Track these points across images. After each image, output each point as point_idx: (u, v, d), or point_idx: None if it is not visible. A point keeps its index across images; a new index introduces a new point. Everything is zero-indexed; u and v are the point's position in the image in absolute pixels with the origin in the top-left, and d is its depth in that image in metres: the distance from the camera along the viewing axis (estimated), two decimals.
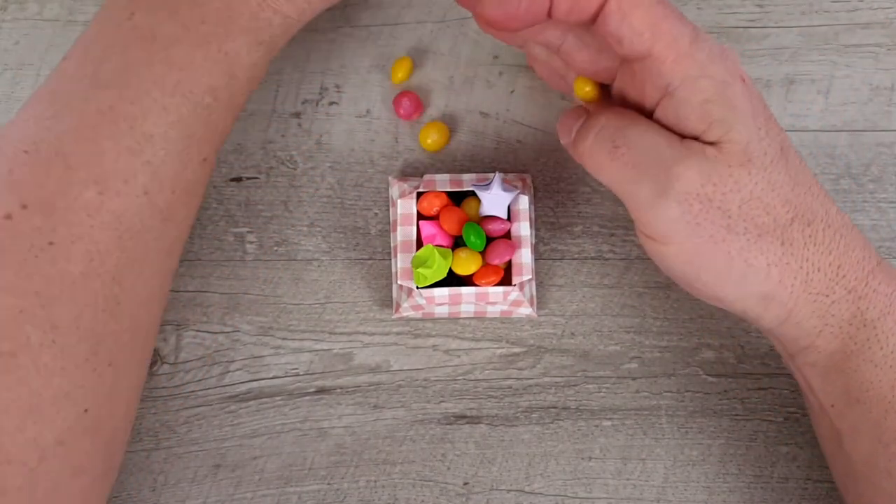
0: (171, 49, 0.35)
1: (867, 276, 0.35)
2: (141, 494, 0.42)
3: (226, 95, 0.36)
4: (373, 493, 0.42)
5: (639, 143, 0.33)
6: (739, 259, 0.33)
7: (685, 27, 0.33)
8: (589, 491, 0.42)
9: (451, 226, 0.40)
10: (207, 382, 0.43)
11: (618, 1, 0.32)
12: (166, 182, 0.35)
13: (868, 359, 0.35)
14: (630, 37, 0.32)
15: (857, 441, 0.36)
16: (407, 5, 0.45)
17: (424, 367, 0.43)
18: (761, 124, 0.33)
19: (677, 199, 0.33)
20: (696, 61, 0.32)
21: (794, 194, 0.34)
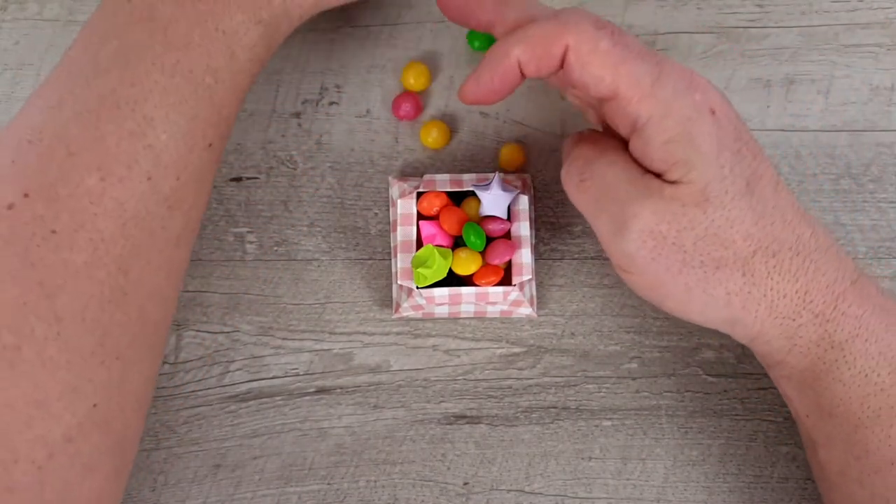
0: (169, 29, 0.34)
1: (836, 300, 0.35)
2: (141, 494, 0.42)
3: (227, 76, 0.35)
4: (373, 493, 0.42)
5: (602, 179, 0.35)
6: (698, 289, 0.35)
7: (646, 65, 0.33)
8: (589, 491, 0.42)
9: (451, 226, 0.40)
10: (207, 382, 0.43)
11: (575, 53, 0.33)
12: (170, 167, 0.34)
13: (837, 378, 0.35)
14: (592, 83, 0.33)
15: (831, 452, 0.37)
16: (407, 5, 0.45)
17: (424, 367, 0.43)
18: (725, 161, 0.33)
19: (632, 237, 0.34)
20: (659, 100, 0.33)
21: (756, 227, 0.34)
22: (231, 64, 0.35)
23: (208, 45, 0.35)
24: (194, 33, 0.34)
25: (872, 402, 0.35)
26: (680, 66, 0.34)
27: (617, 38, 0.33)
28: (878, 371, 0.35)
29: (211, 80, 0.35)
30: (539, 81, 0.45)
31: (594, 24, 0.33)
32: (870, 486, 0.35)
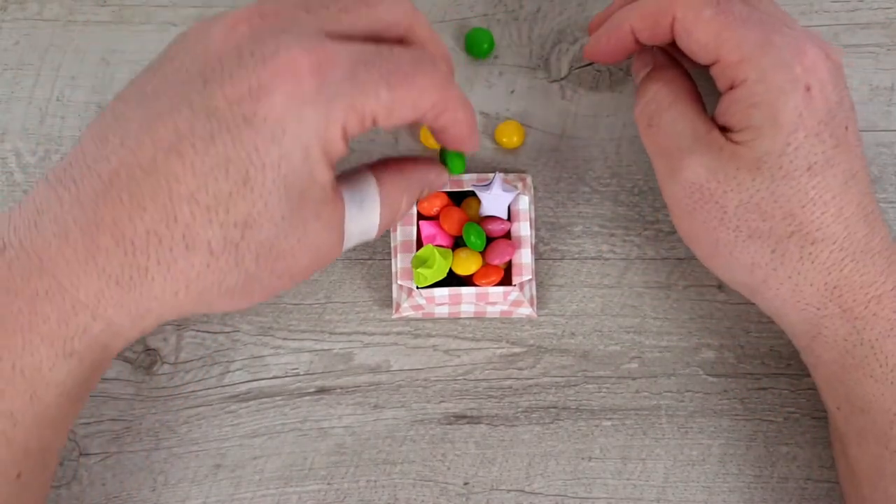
0: None
1: (869, 301, 0.35)
2: (141, 494, 0.42)
3: (28, 416, 0.31)
4: (373, 493, 0.42)
5: (669, 128, 0.36)
6: (725, 250, 0.36)
7: (749, 31, 0.34)
8: (589, 491, 0.42)
9: (451, 226, 0.40)
10: (207, 382, 0.43)
11: (681, 23, 0.35)
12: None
13: (868, 374, 0.35)
14: (698, 50, 0.35)
15: (863, 446, 0.36)
16: None
17: (424, 367, 0.43)
18: (795, 139, 0.34)
19: (681, 185, 0.36)
20: (757, 65, 0.34)
21: (804, 212, 0.34)
22: (32, 404, 0.31)
23: (3, 387, 0.30)
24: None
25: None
26: (794, 37, 0.34)
27: (723, 6, 0.34)
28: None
29: (7, 426, 0.31)
30: (541, 83, 0.45)
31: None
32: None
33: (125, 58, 0.45)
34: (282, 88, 0.29)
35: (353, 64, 0.30)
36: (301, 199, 0.30)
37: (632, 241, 0.44)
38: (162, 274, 0.30)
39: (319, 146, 0.30)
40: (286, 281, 0.33)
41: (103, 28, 0.46)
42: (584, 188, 0.44)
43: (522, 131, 0.44)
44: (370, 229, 0.35)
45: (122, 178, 0.29)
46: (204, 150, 0.29)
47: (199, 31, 0.31)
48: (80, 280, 0.30)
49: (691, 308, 0.43)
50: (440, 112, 0.33)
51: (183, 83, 0.30)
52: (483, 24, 0.45)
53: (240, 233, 0.30)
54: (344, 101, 0.30)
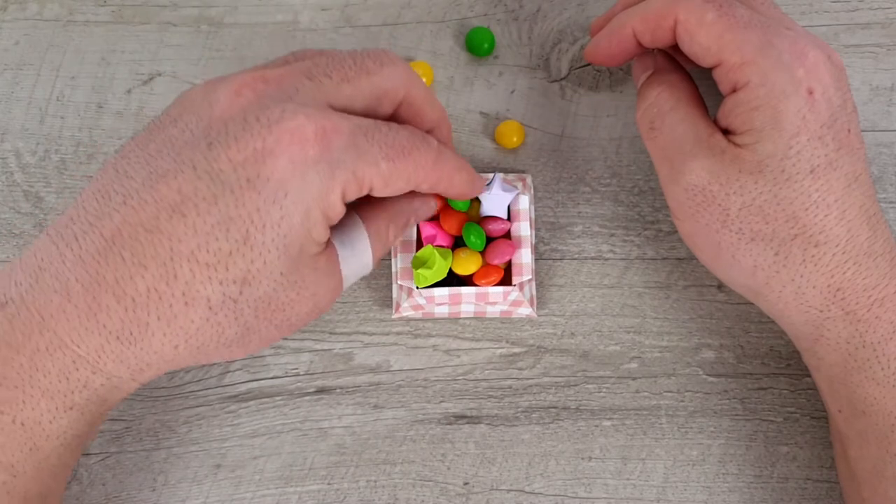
0: None
1: (872, 304, 0.35)
2: (141, 494, 0.42)
3: (29, 468, 0.32)
4: (373, 493, 0.42)
5: (671, 131, 0.36)
6: (727, 253, 0.36)
7: (752, 34, 0.34)
8: (589, 491, 0.42)
9: (451, 226, 0.40)
10: (207, 382, 0.43)
11: (683, 26, 0.35)
12: None
13: (870, 377, 0.35)
14: (700, 53, 0.35)
15: (864, 448, 0.36)
16: (407, 5, 0.45)
17: (424, 367, 0.43)
18: (797, 143, 0.33)
19: (684, 188, 0.36)
20: (758, 68, 0.33)
21: (806, 215, 0.34)
22: (32, 456, 0.32)
23: (3, 440, 0.31)
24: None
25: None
26: (795, 39, 0.34)
27: (725, 9, 0.34)
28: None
29: (7, 477, 0.31)
30: (541, 83, 0.45)
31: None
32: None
33: (125, 58, 0.45)
34: (287, 152, 0.30)
35: (355, 134, 0.31)
36: (299, 256, 0.31)
37: (632, 241, 0.44)
38: (162, 329, 0.31)
39: (320, 208, 0.31)
40: (285, 330, 0.33)
41: (103, 28, 0.46)
42: (584, 188, 0.44)
43: (522, 131, 0.44)
44: (365, 266, 0.36)
45: (125, 236, 0.30)
46: (206, 210, 0.30)
47: (204, 94, 0.31)
48: (80, 336, 0.31)
49: (691, 308, 0.43)
50: (435, 183, 0.34)
51: (187, 144, 0.30)
52: (483, 24, 0.45)
53: (238, 289, 0.31)
54: (346, 167, 0.31)
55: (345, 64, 0.33)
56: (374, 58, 0.33)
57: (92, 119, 0.45)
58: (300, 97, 0.31)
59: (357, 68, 0.33)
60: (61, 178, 0.44)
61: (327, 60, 0.33)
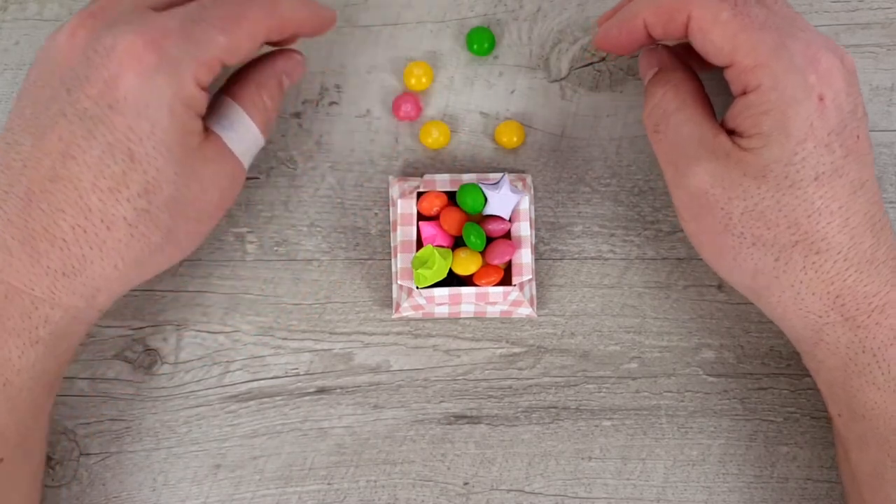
0: None
1: (872, 310, 0.35)
2: (141, 494, 0.42)
3: (2, 402, 0.34)
4: (373, 493, 0.42)
5: (676, 132, 0.36)
6: (729, 255, 0.36)
7: (766, 36, 0.33)
8: (589, 491, 0.42)
9: (451, 226, 0.40)
10: (207, 382, 0.43)
11: (697, 22, 0.34)
12: None
13: (870, 381, 0.35)
14: (713, 51, 0.34)
15: (864, 453, 0.36)
16: (407, 5, 0.45)
17: (424, 367, 0.43)
18: (803, 149, 0.33)
19: (687, 190, 0.36)
20: (770, 72, 0.33)
21: (809, 222, 0.34)
22: (5, 390, 0.34)
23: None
24: None
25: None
26: (809, 43, 0.34)
27: (740, 8, 0.34)
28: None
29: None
30: (541, 83, 0.45)
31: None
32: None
33: None
34: (130, 70, 0.33)
35: (184, 26, 0.34)
36: (184, 152, 0.34)
37: (632, 241, 0.44)
38: (97, 255, 0.34)
39: (181, 103, 0.34)
40: (205, 221, 0.37)
41: None
42: (584, 188, 0.44)
43: (522, 131, 0.44)
44: (255, 138, 0.38)
45: (36, 192, 0.34)
46: (88, 146, 0.33)
47: (48, 49, 0.35)
48: (32, 281, 0.34)
49: (691, 308, 0.43)
50: (281, 28, 0.36)
51: (51, 98, 0.34)
52: (483, 24, 0.45)
53: (146, 200, 0.34)
54: (187, 59, 0.34)
55: None
56: None
57: None
58: (126, 17, 0.34)
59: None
60: None
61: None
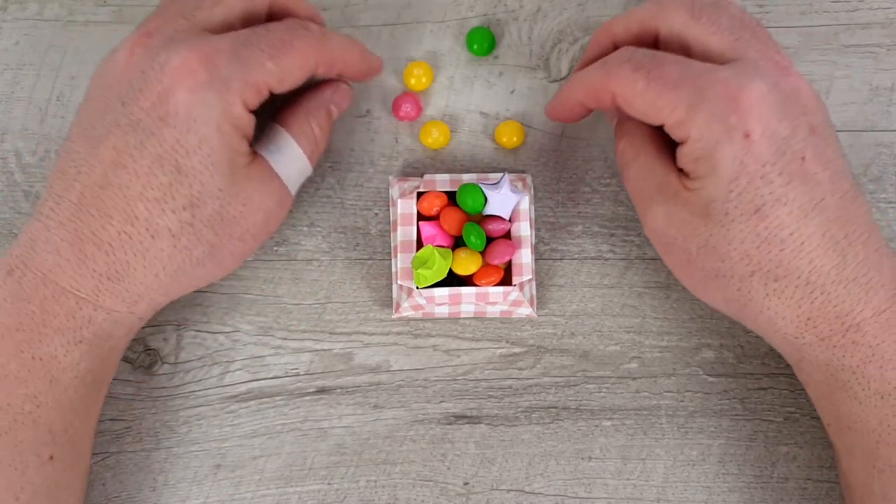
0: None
1: (847, 330, 0.35)
2: (141, 494, 0.42)
3: (50, 399, 0.36)
4: (373, 493, 0.42)
5: (636, 179, 0.38)
6: (699, 287, 0.38)
7: (682, 93, 0.34)
8: (589, 491, 0.42)
9: (451, 226, 0.40)
10: (207, 382, 0.43)
11: (620, 97, 0.36)
12: (4, 493, 0.35)
13: (852, 396, 0.35)
14: (642, 117, 0.36)
15: (852, 463, 0.37)
16: (407, 5, 0.45)
17: (424, 367, 0.43)
18: (737, 186, 0.34)
19: (650, 231, 0.38)
20: (693, 124, 0.34)
21: (758, 251, 0.34)
22: (52, 387, 0.36)
23: (25, 375, 0.35)
24: (11, 366, 0.35)
25: (892, 421, 0.35)
26: (727, 82, 0.34)
27: (654, 73, 0.35)
28: (895, 395, 0.35)
29: (31, 407, 0.35)
30: (541, 83, 0.45)
31: (633, 66, 0.35)
32: (894, 499, 0.35)
33: None
34: (182, 85, 0.34)
35: (235, 48, 0.35)
36: (230, 170, 0.36)
37: (632, 241, 0.44)
38: (140, 263, 0.36)
39: (228, 122, 0.35)
40: (249, 241, 0.38)
41: (103, 28, 0.46)
42: (584, 188, 0.44)
43: (522, 131, 0.44)
44: (303, 165, 0.40)
45: (87, 197, 0.35)
46: (139, 156, 0.35)
47: (106, 65, 0.36)
48: (78, 282, 0.35)
49: (691, 308, 0.43)
50: (329, 63, 0.38)
51: (107, 110, 0.35)
52: (483, 24, 0.45)
53: (190, 213, 0.35)
54: (237, 79, 0.35)
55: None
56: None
57: None
58: (181, 36, 0.35)
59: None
60: None
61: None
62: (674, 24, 0.37)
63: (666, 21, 0.37)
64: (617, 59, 0.36)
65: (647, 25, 0.38)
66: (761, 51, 0.35)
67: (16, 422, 0.35)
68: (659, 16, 0.37)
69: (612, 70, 0.36)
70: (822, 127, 0.35)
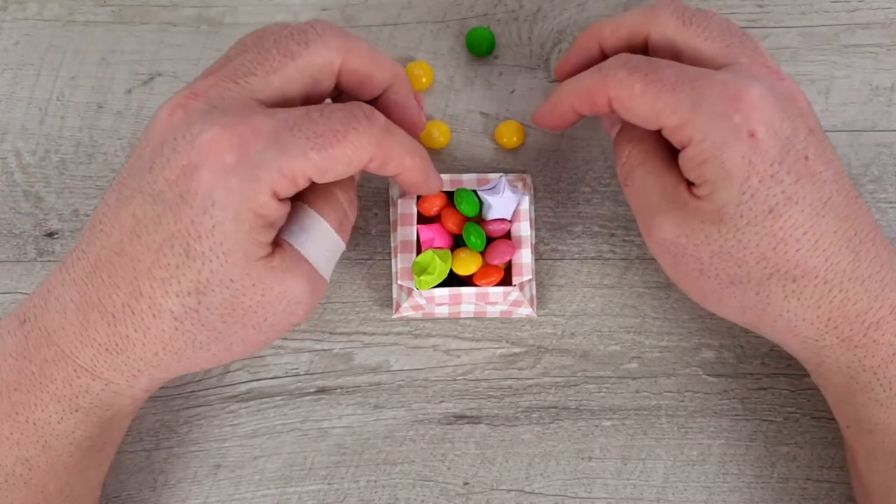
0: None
1: (867, 329, 0.35)
2: (141, 494, 0.42)
3: (42, 463, 0.35)
4: (373, 493, 0.42)
5: (641, 187, 0.37)
6: (713, 297, 0.36)
7: (682, 94, 0.34)
8: (589, 491, 0.42)
9: (452, 225, 0.40)
10: (207, 382, 0.43)
11: (616, 101, 0.35)
12: None
13: (873, 398, 0.35)
14: (640, 121, 0.35)
15: (872, 464, 0.37)
16: (407, 5, 0.45)
17: (424, 367, 0.43)
18: (749, 187, 0.33)
19: (657, 242, 0.36)
20: (696, 126, 0.34)
21: (774, 252, 0.34)
22: (45, 452, 0.35)
23: (18, 437, 0.34)
24: (4, 426, 0.34)
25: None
26: (727, 84, 0.34)
27: (651, 76, 0.34)
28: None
29: (23, 470, 0.35)
30: (541, 83, 0.45)
31: (629, 69, 0.35)
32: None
33: (125, 58, 0.45)
34: (207, 164, 0.31)
35: (278, 131, 0.32)
36: (245, 260, 0.33)
37: (632, 241, 0.44)
38: (140, 339, 0.34)
39: (251, 210, 0.32)
40: (267, 330, 0.35)
41: (103, 28, 0.46)
42: (584, 188, 0.44)
43: (522, 131, 0.44)
44: (333, 243, 0.36)
45: (102, 260, 0.33)
46: (154, 229, 0.32)
47: (152, 120, 0.34)
48: (77, 349, 0.34)
49: (691, 308, 0.43)
50: (383, 163, 0.34)
51: (139, 171, 0.33)
52: (483, 24, 0.45)
53: (196, 299, 0.33)
54: (270, 167, 0.32)
55: (269, 55, 0.33)
56: (298, 37, 0.34)
57: (92, 119, 0.45)
58: (226, 104, 0.33)
59: (281, 56, 0.33)
60: (61, 178, 0.44)
61: (253, 56, 0.33)
62: (665, 30, 0.36)
63: (657, 26, 0.36)
64: (613, 63, 0.36)
65: (637, 30, 0.37)
66: (752, 57, 0.35)
67: (7, 482, 0.35)
68: (650, 21, 0.37)
69: (608, 74, 0.35)
70: (818, 129, 0.35)
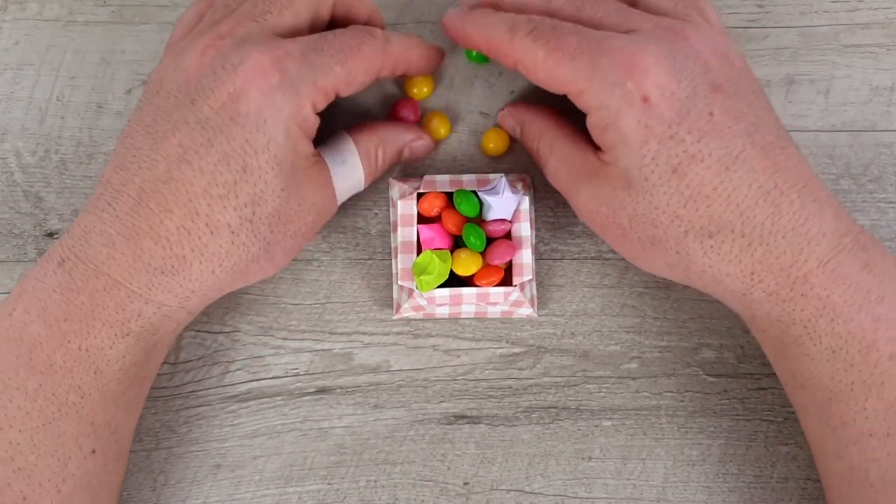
0: (34, 352, 0.35)
1: (794, 283, 0.35)
2: (141, 494, 0.42)
3: (94, 390, 0.36)
4: (373, 493, 0.42)
5: (556, 169, 0.39)
6: (642, 258, 0.38)
7: (580, 63, 0.35)
8: (589, 491, 0.42)
9: (452, 226, 0.40)
10: (207, 382, 0.43)
11: (522, 65, 0.37)
12: (46, 483, 0.35)
13: (804, 352, 0.36)
14: (545, 86, 0.37)
15: (808, 422, 0.37)
16: (407, 5, 0.45)
17: (424, 367, 0.43)
18: (649, 150, 0.34)
19: (584, 216, 0.38)
20: (592, 93, 0.35)
21: (686, 211, 0.35)
22: (97, 379, 0.36)
23: (71, 365, 0.35)
24: (56, 356, 0.35)
25: (843, 376, 0.35)
26: (621, 51, 0.35)
27: (553, 43, 0.35)
28: (846, 349, 0.34)
29: (76, 398, 0.35)
30: None
31: (534, 36, 0.36)
32: (847, 457, 0.35)
33: (125, 58, 0.45)
34: (254, 86, 0.35)
35: (305, 52, 0.36)
36: (293, 170, 0.36)
37: None
38: (197, 258, 0.36)
39: (296, 124, 0.36)
40: (299, 239, 0.38)
41: (103, 28, 0.46)
42: None
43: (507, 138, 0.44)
44: (357, 182, 0.41)
45: (148, 192, 0.35)
46: (206, 153, 0.35)
47: (174, 64, 0.37)
48: (131, 276, 0.35)
49: (691, 308, 0.43)
50: (393, 66, 0.39)
51: (175, 107, 0.36)
52: None
53: (251, 210, 0.35)
54: (307, 82, 0.35)
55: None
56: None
57: (92, 119, 0.45)
58: (253, 38, 0.36)
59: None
60: (61, 178, 0.44)
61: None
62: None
63: None
64: (521, 27, 0.36)
65: None
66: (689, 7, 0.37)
67: (60, 412, 0.35)
68: None
69: (515, 38, 0.36)
70: (729, 83, 0.35)
